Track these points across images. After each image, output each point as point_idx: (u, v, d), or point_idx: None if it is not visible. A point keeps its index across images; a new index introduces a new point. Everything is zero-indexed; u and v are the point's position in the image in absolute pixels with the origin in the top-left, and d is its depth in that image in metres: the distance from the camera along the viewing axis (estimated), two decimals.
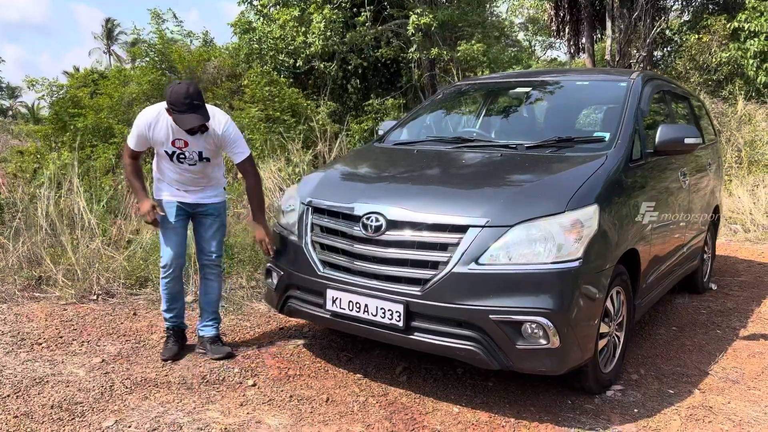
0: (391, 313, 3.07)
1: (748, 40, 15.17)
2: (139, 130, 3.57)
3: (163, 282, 3.82)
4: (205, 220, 3.83)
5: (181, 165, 3.64)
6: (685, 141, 3.75)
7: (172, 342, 3.87)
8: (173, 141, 3.56)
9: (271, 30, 12.61)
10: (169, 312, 3.89)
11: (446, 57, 11.80)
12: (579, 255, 2.92)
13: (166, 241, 3.75)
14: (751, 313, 4.95)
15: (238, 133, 3.72)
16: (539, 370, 2.97)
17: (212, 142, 3.63)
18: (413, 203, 3.14)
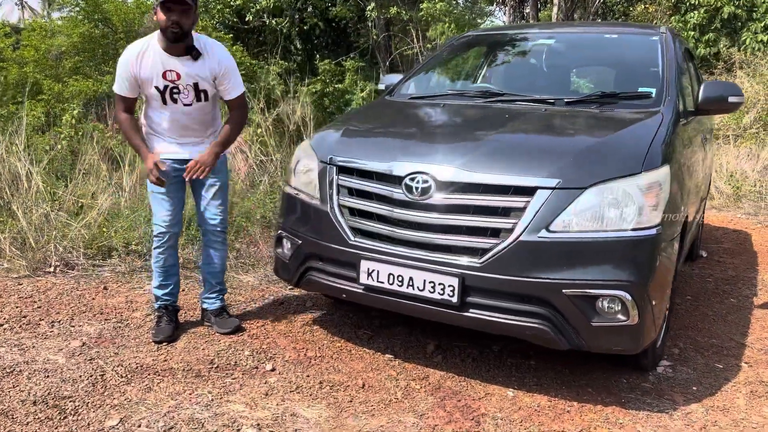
0: (442, 287, 2.68)
1: (688, 13, 15.41)
2: (125, 66, 3.08)
3: (155, 253, 3.31)
4: (205, 179, 3.31)
5: (175, 105, 3.14)
6: (730, 100, 3.51)
7: (165, 321, 3.36)
8: (164, 73, 3.07)
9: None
10: (162, 288, 3.38)
11: (405, 17, 11.32)
12: (658, 221, 2.62)
13: (159, 207, 3.25)
14: (755, 280, 4.87)
15: (235, 64, 3.25)
16: (615, 350, 2.67)
17: (208, 70, 3.13)
18: (467, 161, 2.74)
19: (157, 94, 3.10)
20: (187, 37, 3.06)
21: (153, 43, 3.09)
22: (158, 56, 3.06)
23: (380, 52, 12.08)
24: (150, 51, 3.07)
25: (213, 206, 3.35)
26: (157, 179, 3.10)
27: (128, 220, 5.08)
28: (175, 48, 3.06)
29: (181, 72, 3.08)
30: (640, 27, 4.57)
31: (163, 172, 3.16)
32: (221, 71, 3.17)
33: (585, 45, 4.15)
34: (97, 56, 12.88)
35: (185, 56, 3.08)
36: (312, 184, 3.16)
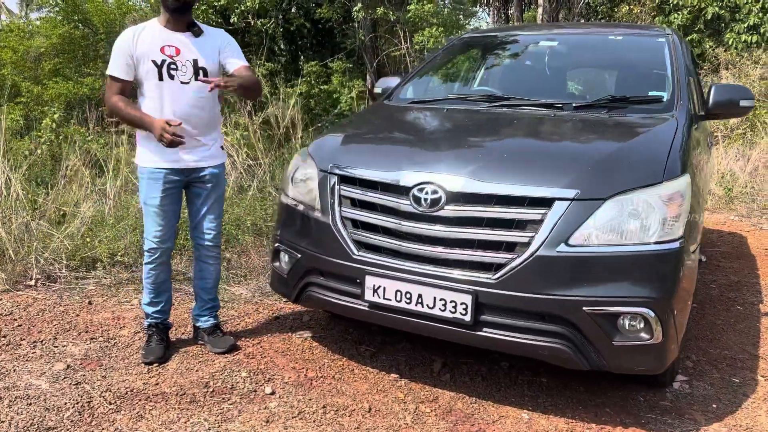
0: (454, 304, 2.53)
1: (672, 13, 15.44)
2: (121, 44, 2.93)
3: (146, 269, 3.12)
4: (201, 190, 3.13)
5: (172, 82, 2.93)
6: (741, 104, 3.39)
7: (156, 341, 3.17)
8: (162, 47, 2.92)
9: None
10: (153, 306, 3.19)
11: (392, 18, 11.16)
12: (681, 233, 2.49)
13: (152, 221, 3.06)
14: (758, 286, 4.78)
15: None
16: (637, 370, 2.54)
17: (210, 47, 3.03)
18: (478, 171, 2.59)
19: (154, 69, 2.90)
20: (188, 10, 2.98)
21: (152, 23, 3.00)
22: (157, 32, 2.96)
23: (367, 53, 11.90)
24: (148, 29, 2.96)
25: (208, 220, 3.18)
26: (172, 137, 2.80)
27: (113, 229, 4.87)
28: (176, 23, 2.96)
29: (180, 47, 2.95)
30: (644, 29, 4.46)
31: (147, 187, 3.02)
32: (225, 43, 3.09)
33: (589, 47, 4.02)
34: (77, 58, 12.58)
35: (186, 32, 2.99)
36: (311, 194, 2.99)
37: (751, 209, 7.80)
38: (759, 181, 8.59)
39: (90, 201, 5.37)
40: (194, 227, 3.22)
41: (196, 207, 3.17)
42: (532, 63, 4.04)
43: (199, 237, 3.21)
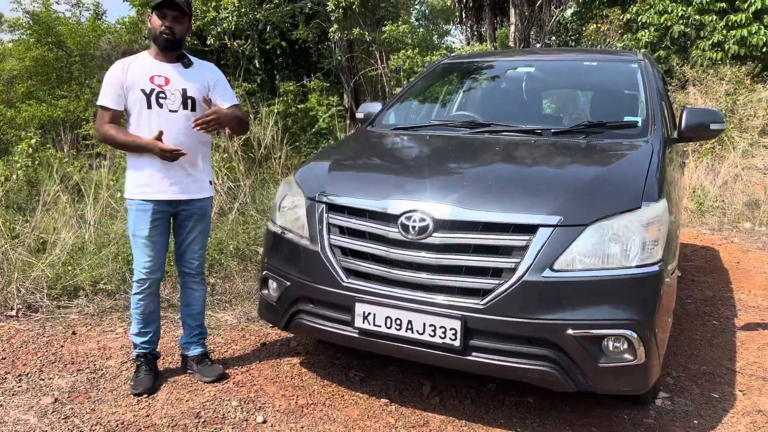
0: (443, 330, 2.58)
1: (639, 31, 15.84)
2: (112, 75, 3.01)
3: (135, 299, 3.13)
4: (187, 222, 3.17)
5: (160, 110, 2.99)
6: (711, 127, 3.52)
7: (145, 371, 3.16)
8: (152, 77, 3.00)
9: None
10: (141, 336, 3.19)
11: (368, 38, 11.29)
12: (660, 256, 2.58)
13: (140, 252, 3.08)
14: (732, 300, 4.92)
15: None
16: (622, 390, 2.61)
17: (199, 79, 3.10)
18: (464, 198, 2.66)
19: (143, 97, 2.97)
20: (178, 46, 3.06)
21: (142, 55, 3.10)
22: (147, 63, 3.04)
23: (343, 73, 12.00)
24: (139, 60, 3.06)
25: (192, 250, 3.23)
26: (171, 152, 2.91)
27: (95, 256, 4.85)
28: (165, 55, 3.05)
29: (170, 77, 3.03)
30: (617, 54, 4.60)
31: (135, 219, 3.07)
32: (215, 79, 3.16)
33: (565, 73, 4.14)
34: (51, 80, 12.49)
35: (176, 63, 3.07)
36: (299, 221, 3.04)
37: (722, 222, 8.02)
38: (728, 195, 8.82)
39: (69, 228, 5.33)
40: (179, 256, 3.25)
41: (182, 237, 3.20)
42: (510, 89, 4.14)
43: (183, 265, 3.25)
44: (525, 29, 18.48)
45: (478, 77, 4.37)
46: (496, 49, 16.86)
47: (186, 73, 3.06)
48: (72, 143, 9.75)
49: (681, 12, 14.83)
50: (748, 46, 13.84)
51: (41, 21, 11.96)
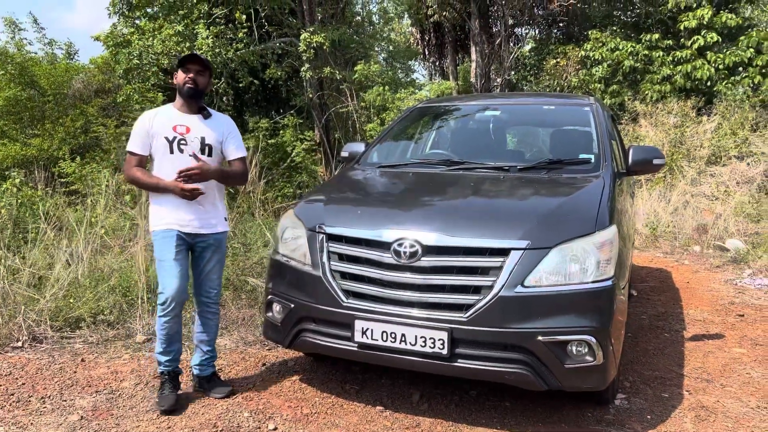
0: (433, 341, 3.01)
1: (593, 67, 16.80)
2: (139, 126, 3.42)
3: (160, 321, 3.43)
4: (205, 253, 3.53)
5: (181, 155, 3.39)
6: (654, 162, 4.07)
7: (169, 389, 3.47)
8: (174, 126, 3.41)
9: (152, 45, 11.87)
10: (166, 355, 3.49)
11: (339, 77, 11.82)
12: (612, 273, 3.06)
13: (167, 275, 3.37)
14: (682, 315, 5.45)
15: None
16: (585, 388, 3.06)
17: (217, 129, 3.52)
18: (448, 227, 3.11)
19: (165, 144, 3.37)
20: (200, 97, 3.48)
21: (167, 107, 3.51)
22: (171, 113, 3.46)
23: (315, 109, 12.48)
24: (164, 111, 3.47)
25: (210, 280, 3.56)
26: (191, 191, 3.31)
27: (92, 291, 5.13)
28: (187, 107, 3.46)
29: (191, 127, 3.43)
30: (572, 98, 5.17)
31: (161, 245, 3.39)
32: (228, 131, 3.57)
33: (527, 116, 4.67)
34: (24, 120, 12.66)
35: (197, 114, 3.48)
36: (301, 250, 3.44)
37: (674, 246, 8.66)
38: (679, 221, 9.50)
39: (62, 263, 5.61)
40: (198, 285, 3.59)
41: (200, 268, 3.55)
42: (479, 129, 4.66)
43: (202, 294, 3.59)
44: (486, 65, 19.35)
45: (450, 119, 4.88)
46: (459, 86, 17.63)
47: (205, 124, 3.48)
48: (47, 181, 9.97)
49: (631, 48, 15.83)
50: (693, 80, 14.85)
51: (15, 62, 12.19)
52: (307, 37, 11.18)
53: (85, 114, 12.50)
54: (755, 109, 13.10)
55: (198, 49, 11.74)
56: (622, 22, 18.39)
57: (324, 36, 11.27)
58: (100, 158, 11.61)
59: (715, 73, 14.63)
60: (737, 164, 11.52)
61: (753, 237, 8.47)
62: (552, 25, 20.38)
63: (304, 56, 11.43)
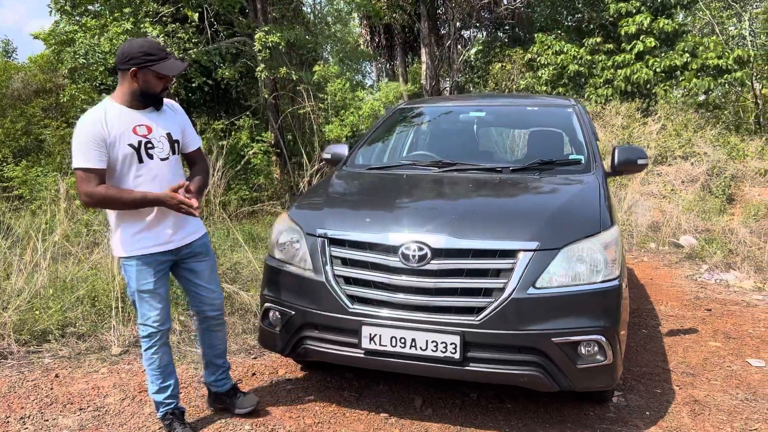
0: (445, 345, 2.96)
1: (539, 70, 17.18)
2: (91, 132, 2.79)
3: (147, 355, 3.05)
4: (196, 264, 3.17)
5: (152, 161, 2.93)
6: (638, 162, 4.14)
7: (180, 426, 3.11)
8: (134, 128, 2.88)
9: (99, 43, 11.40)
10: (163, 392, 3.10)
11: (295, 77, 11.65)
12: (618, 273, 3.09)
13: (147, 306, 3.01)
14: (655, 312, 5.60)
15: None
16: (596, 387, 3.08)
17: (176, 120, 3.07)
18: (456, 229, 3.07)
19: (133, 152, 2.88)
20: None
21: (109, 105, 2.90)
22: (123, 114, 2.89)
23: (270, 111, 12.27)
24: (111, 112, 2.87)
25: (210, 290, 3.22)
26: (189, 206, 2.87)
27: (58, 301, 4.86)
28: (137, 104, 2.93)
29: (150, 124, 2.94)
30: (554, 99, 5.23)
31: (136, 273, 2.98)
32: (184, 120, 3.16)
33: (512, 117, 4.69)
34: None
35: (147, 108, 2.96)
36: (299, 255, 3.33)
37: (631, 244, 8.90)
38: (634, 219, 9.79)
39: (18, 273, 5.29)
40: (198, 301, 3.22)
41: (194, 282, 3.18)
42: (465, 131, 4.65)
43: (204, 310, 3.23)
44: (435, 67, 19.50)
45: (435, 120, 4.84)
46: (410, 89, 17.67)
47: (162, 118, 3.01)
48: None
49: (575, 53, 16.26)
50: (633, 83, 15.38)
51: None
52: (262, 36, 10.97)
53: (26, 115, 11.91)
54: (697, 111, 13.68)
55: None
56: (565, 27, 18.89)
57: (279, 36, 11.07)
58: (45, 162, 11.08)
59: (653, 77, 15.19)
60: (682, 164, 11.99)
61: (704, 233, 8.81)
62: (498, 28, 20.71)
63: (259, 56, 11.21)
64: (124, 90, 2.90)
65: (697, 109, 13.71)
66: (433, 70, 19.44)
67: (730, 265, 7.18)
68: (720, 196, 10.76)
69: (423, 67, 19.34)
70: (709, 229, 9.02)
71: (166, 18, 11.82)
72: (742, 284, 6.51)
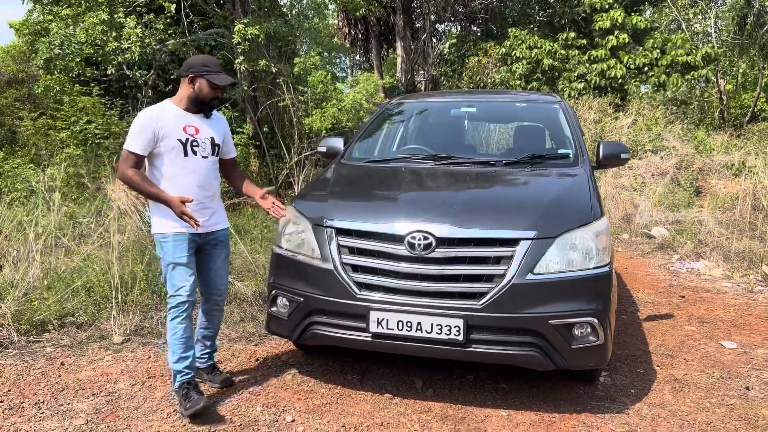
0: (449, 328, 3.15)
1: (514, 64, 17.48)
2: (144, 125, 3.25)
3: (173, 324, 3.31)
4: (214, 250, 3.53)
5: (195, 157, 3.36)
6: (621, 156, 4.37)
7: (195, 392, 3.28)
8: (185, 127, 3.34)
9: (75, 33, 11.28)
10: (184, 361, 3.32)
11: (274, 70, 11.70)
12: (608, 260, 3.31)
13: (180, 278, 3.32)
14: (633, 299, 5.89)
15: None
16: (589, 366, 3.30)
17: (219, 129, 3.52)
18: (459, 219, 3.25)
19: (180, 146, 3.30)
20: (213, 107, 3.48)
21: (167, 105, 3.37)
22: (177, 113, 3.36)
23: (249, 103, 12.30)
24: (167, 111, 3.34)
25: (220, 276, 3.57)
26: (189, 218, 3.20)
27: (54, 292, 4.92)
28: (192, 107, 3.40)
29: (199, 127, 3.39)
30: (540, 96, 5.44)
31: (173, 248, 3.32)
32: (226, 131, 3.58)
33: (501, 112, 4.89)
34: None
35: (200, 114, 3.43)
36: (307, 244, 3.48)
37: None
38: (607, 211, 10.13)
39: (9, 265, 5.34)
40: (208, 284, 3.56)
41: (209, 265, 3.53)
42: (458, 125, 4.83)
43: (212, 292, 3.58)
44: (411, 60, 19.68)
45: (428, 115, 5.02)
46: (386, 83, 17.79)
47: (209, 123, 3.46)
48: None
49: (549, 47, 16.59)
50: (607, 78, 15.78)
51: None
52: (241, 29, 10.99)
53: None
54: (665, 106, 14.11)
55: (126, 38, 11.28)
56: (537, 21, 19.21)
57: (258, 28, 11.10)
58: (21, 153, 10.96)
59: (626, 72, 15.60)
60: (652, 158, 12.39)
61: (674, 225, 9.18)
62: (472, 23, 20.94)
63: (238, 48, 11.23)
64: (182, 94, 3.38)
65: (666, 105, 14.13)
66: (408, 64, 19.61)
67: (700, 255, 7.53)
68: (688, 188, 11.18)
69: (398, 61, 19.49)
70: (679, 220, 9.38)
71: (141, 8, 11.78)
72: (712, 272, 6.85)
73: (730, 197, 10.08)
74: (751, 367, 4.14)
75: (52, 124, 10.62)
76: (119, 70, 11.66)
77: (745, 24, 18.98)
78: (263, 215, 8.62)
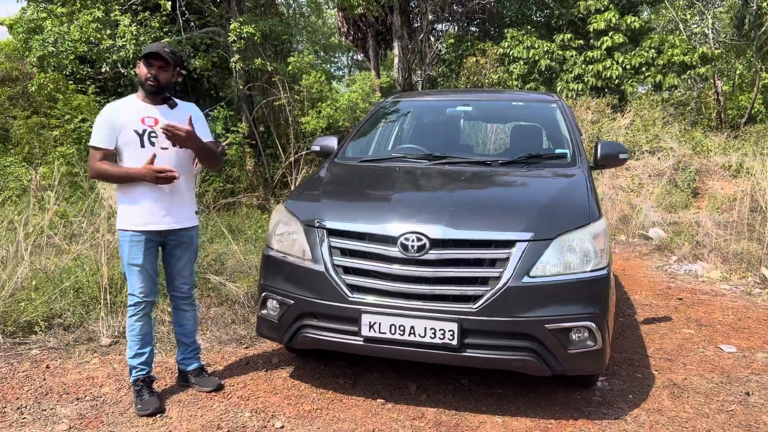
0: (443, 332, 3.06)
1: (511, 64, 17.41)
2: (105, 118, 3.27)
3: (130, 322, 3.37)
4: (177, 250, 3.47)
5: (152, 148, 3.28)
6: (620, 156, 4.29)
7: (148, 393, 3.36)
8: (142, 119, 3.29)
9: (69, 31, 11.17)
10: (138, 357, 3.40)
11: (270, 69, 11.60)
12: (606, 262, 3.23)
13: (135, 278, 3.32)
14: (630, 301, 5.81)
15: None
16: (587, 371, 3.22)
17: (183, 118, 3.32)
18: (453, 220, 3.17)
19: (136, 138, 3.25)
20: (162, 92, 3.34)
21: (131, 98, 3.37)
22: (137, 105, 3.32)
23: (244, 102, 12.20)
24: (128, 103, 3.33)
25: (182, 275, 3.53)
26: (165, 174, 3.17)
27: (42, 292, 4.82)
28: (152, 98, 3.33)
29: (158, 118, 3.30)
30: (537, 95, 5.36)
31: (129, 248, 3.30)
32: (195, 117, 3.40)
33: (498, 111, 4.81)
34: None
35: (162, 105, 3.36)
36: (297, 245, 3.39)
37: None
38: (604, 212, 10.06)
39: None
40: (170, 281, 3.55)
41: (171, 264, 3.49)
42: (453, 124, 4.75)
43: (174, 290, 3.57)
44: (408, 60, 19.58)
45: (424, 114, 4.93)
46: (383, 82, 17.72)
47: (172, 114, 3.34)
48: None
49: (546, 48, 16.53)
50: (604, 78, 15.72)
51: None
52: (236, 27, 10.89)
53: None
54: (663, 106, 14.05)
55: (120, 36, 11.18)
56: (534, 22, 19.14)
57: (255, 27, 11.00)
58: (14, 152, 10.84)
59: (623, 73, 15.54)
60: (649, 158, 12.33)
61: (672, 226, 9.11)
62: (470, 23, 20.88)
63: (234, 47, 11.13)
64: (140, 84, 3.34)
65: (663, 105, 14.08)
66: (406, 63, 19.50)
67: (698, 257, 7.46)
68: (685, 190, 11.12)
69: (395, 60, 19.38)
70: (676, 222, 9.32)
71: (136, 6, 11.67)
72: (709, 274, 6.78)
73: (728, 198, 10.02)
74: (751, 372, 4.07)
75: (45, 122, 10.51)
76: (114, 69, 11.56)
77: (742, 25, 18.95)
78: (258, 215, 8.53)
